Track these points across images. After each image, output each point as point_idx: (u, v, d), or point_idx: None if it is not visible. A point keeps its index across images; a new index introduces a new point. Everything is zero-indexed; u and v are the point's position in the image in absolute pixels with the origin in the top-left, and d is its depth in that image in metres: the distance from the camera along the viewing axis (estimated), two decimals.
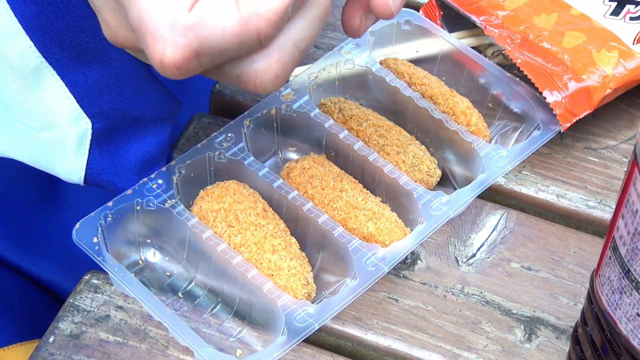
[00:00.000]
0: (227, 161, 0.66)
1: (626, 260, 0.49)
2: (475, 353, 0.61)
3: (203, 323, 0.62)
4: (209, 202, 0.63)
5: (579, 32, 0.73)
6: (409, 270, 0.65)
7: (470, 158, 0.68)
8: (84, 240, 0.60)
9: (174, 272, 0.64)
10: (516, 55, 0.71)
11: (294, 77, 0.71)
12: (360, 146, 0.67)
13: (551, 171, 0.71)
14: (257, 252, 0.61)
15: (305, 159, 0.67)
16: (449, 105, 0.70)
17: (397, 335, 0.62)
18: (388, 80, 0.70)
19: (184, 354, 0.60)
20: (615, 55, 0.72)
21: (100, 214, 0.61)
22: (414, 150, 0.67)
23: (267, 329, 0.61)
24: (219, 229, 0.62)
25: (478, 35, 0.77)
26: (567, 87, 0.70)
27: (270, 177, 0.65)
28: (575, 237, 0.68)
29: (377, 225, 0.63)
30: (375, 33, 0.73)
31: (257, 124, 0.68)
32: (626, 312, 0.50)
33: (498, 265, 0.66)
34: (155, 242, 0.64)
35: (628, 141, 0.73)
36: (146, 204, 0.63)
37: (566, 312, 0.64)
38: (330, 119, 0.68)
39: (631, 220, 0.48)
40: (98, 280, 0.64)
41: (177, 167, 0.65)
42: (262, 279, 0.60)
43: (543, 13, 0.75)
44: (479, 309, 0.64)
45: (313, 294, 0.61)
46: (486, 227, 0.68)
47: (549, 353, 0.62)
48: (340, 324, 0.62)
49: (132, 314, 0.62)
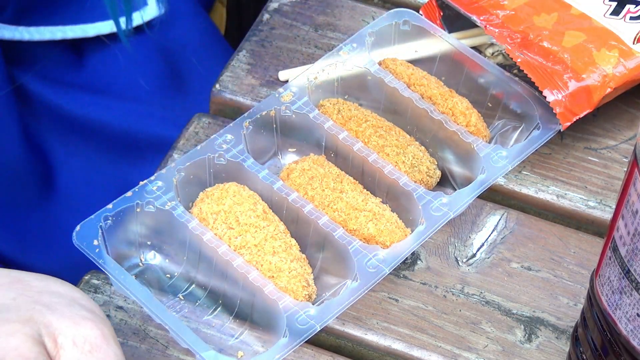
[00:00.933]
0: (227, 163, 0.66)
1: (626, 261, 0.49)
2: (475, 353, 0.62)
3: (204, 324, 0.62)
4: (209, 204, 0.63)
5: (579, 32, 0.73)
6: (409, 270, 0.65)
7: (470, 158, 0.68)
8: (84, 242, 0.60)
9: (175, 274, 0.64)
10: (516, 54, 0.71)
11: (293, 78, 0.71)
12: (359, 147, 0.67)
13: (551, 171, 0.71)
14: (258, 253, 0.61)
15: (305, 160, 0.67)
16: (448, 105, 0.70)
17: (397, 335, 0.62)
18: (387, 81, 0.70)
19: (184, 354, 0.61)
20: (616, 54, 0.72)
21: (100, 216, 0.61)
22: (413, 151, 0.67)
23: (268, 330, 0.61)
24: (219, 230, 0.62)
25: (478, 35, 0.77)
26: (568, 86, 0.70)
27: (270, 178, 0.65)
28: (575, 237, 0.68)
29: (377, 226, 0.63)
30: (374, 34, 0.73)
31: (257, 125, 0.68)
32: (626, 313, 0.50)
33: (498, 266, 0.66)
34: (156, 244, 0.64)
35: (628, 141, 0.73)
36: (146, 205, 0.63)
37: (566, 313, 0.64)
38: (330, 120, 0.68)
39: (631, 220, 0.48)
40: (98, 281, 0.64)
41: (177, 168, 0.65)
42: (263, 280, 0.60)
43: (543, 12, 0.75)
44: (479, 309, 0.64)
45: (314, 295, 0.61)
46: (486, 227, 0.68)
47: (549, 353, 0.62)
48: (340, 324, 0.62)
49: (132, 314, 0.62)
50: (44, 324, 0.50)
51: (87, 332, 0.50)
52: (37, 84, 0.82)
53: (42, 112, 0.83)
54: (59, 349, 0.49)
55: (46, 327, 0.50)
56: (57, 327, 0.50)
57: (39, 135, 0.83)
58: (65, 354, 0.49)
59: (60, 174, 0.83)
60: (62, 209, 0.83)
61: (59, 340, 0.50)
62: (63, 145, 0.84)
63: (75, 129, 0.83)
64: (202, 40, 0.91)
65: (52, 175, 0.83)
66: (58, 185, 0.83)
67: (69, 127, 0.83)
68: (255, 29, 0.80)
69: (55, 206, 0.83)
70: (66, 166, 0.83)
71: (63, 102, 0.83)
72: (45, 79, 0.83)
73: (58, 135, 0.83)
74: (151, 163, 0.79)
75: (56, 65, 0.84)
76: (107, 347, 0.50)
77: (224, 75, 0.76)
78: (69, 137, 0.83)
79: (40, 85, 0.82)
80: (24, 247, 0.83)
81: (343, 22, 0.81)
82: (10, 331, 0.49)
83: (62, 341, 0.50)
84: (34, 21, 0.81)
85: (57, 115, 0.82)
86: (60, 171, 0.83)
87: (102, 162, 0.84)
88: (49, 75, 0.83)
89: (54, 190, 0.83)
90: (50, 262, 0.82)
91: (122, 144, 0.84)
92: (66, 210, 0.83)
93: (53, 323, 0.50)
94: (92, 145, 0.84)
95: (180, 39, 0.89)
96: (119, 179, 0.83)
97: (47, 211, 0.83)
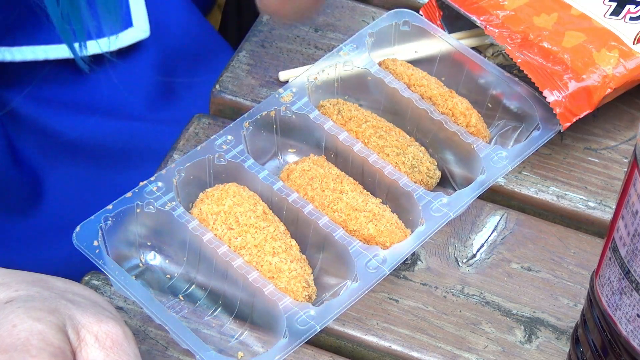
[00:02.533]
0: (227, 163, 0.66)
1: (626, 261, 0.49)
2: (475, 354, 0.62)
3: (204, 325, 0.62)
4: (209, 204, 0.63)
5: (579, 32, 0.73)
6: (409, 270, 0.65)
7: (470, 159, 0.68)
8: (84, 243, 0.60)
9: (175, 275, 0.64)
10: (516, 54, 0.71)
11: (293, 79, 0.71)
12: (360, 147, 0.67)
13: (551, 172, 0.71)
14: (258, 254, 0.61)
15: (305, 160, 0.67)
16: (448, 106, 0.70)
17: (397, 335, 0.62)
18: (387, 82, 0.70)
19: (184, 355, 0.61)
20: (616, 55, 0.72)
21: (100, 217, 0.61)
22: (413, 152, 0.67)
23: (269, 331, 0.61)
24: (219, 231, 0.62)
25: (478, 36, 0.77)
26: (567, 86, 0.70)
27: (270, 179, 0.65)
28: (575, 237, 0.68)
29: (377, 226, 0.63)
30: (374, 34, 0.73)
31: (257, 125, 0.68)
32: (626, 313, 0.50)
33: (498, 266, 0.66)
34: (156, 245, 0.64)
35: (628, 141, 0.73)
36: (146, 206, 0.63)
37: (566, 313, 0.64)
38: (330, 121, 0.68)
39: (631, 221, 0.48)
40: (98, 281, 0.64)
41: (177, 169, 0.65)
42: (263, 281, 0.60)
43: (543, 13, 0.75)
44: (479, 310, 0.64)
45: (314, 296, 0.61)
46: (486, 227, 0.68)
47: (549, 354, 0.62)
48: (340, 325, 0.62)
49: (132, 315, 0.62)
50: (68, 316, 0.51)
51: (109, 329, 0.51)
52: (25, 103, 0.82)
53: (29, 129, 0.83)
54: (81, 342, 0.50)
55: (70, 319, 0.51)
56: (81, 321, 0.51)
57: (25, 151, 0.83)
58: (87, 347, 0.50)
59: (48, 189, 0.83)
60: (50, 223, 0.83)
61: (82, 333, 0.50)
62: (49, 161, 0.83)
63: (65, 147, 0.82)
64: (198, 49, 0.90)
65: (40, 191, 0.83)
66: (46, 200, 0.83)
67: (57, 144, 0.82)
68: (255, 29, 0.80)
69: (42, 220, 0.83)
70: (53, 180, 0.83)
71: (52, 122, 0.82)
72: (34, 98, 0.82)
73: (45, 150, 0.83)
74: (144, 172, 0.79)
75: (45, 83, 0.83)
76: (127, 345, 0.51)
77: (224, 75, 0.76)
78: (56, 153, 0.83)
79: (29, 103, 0.82)
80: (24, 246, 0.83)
81: (343, 23, 0.81)
82: (36, 317, 0.49)
83: (84, 335, 0.50)
84: (16, 41, 0.80)
85: (44, 132, 0.82)
86: (48, 186, 0.83)
87: (91, 175, 0.84)
88: (36, 94, 0.83)
89: (42, 204, 0.83)
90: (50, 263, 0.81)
91: (112, 158, 0.84)
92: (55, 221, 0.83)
93: (77, 317, 0.51)
94: (81, 161, 0.84)
95: (174, 51, 0.88)
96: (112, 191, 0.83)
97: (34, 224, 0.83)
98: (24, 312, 0.49)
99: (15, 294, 0.51)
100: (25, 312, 0.49)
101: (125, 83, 0.84)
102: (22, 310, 0.50)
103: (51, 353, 0.48)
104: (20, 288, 0.52)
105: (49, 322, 0.49)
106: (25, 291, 0.52)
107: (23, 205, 0.83)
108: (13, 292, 0.52)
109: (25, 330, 0.48)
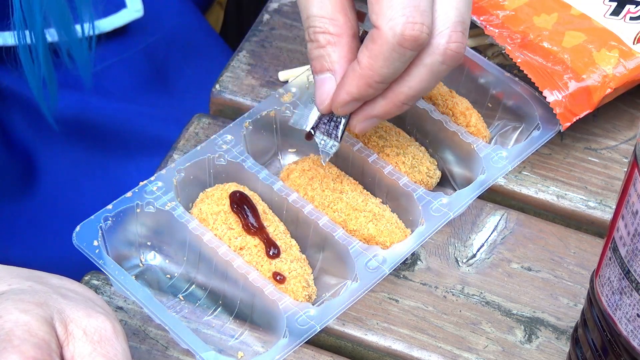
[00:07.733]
0: (227, 163, 0.66)
1: (626, 261, 0.49)
2: (475, 354, 0.62)
3: (204, 325, 0.62)
4: (209, 204, 0.63)
5: (579, 32, 0.73)
6: (409, 270, 0.65)
7: (470, 159, 0.68)
8: (84, 243, 0.60)
9: (175, 274, 0.64)
10: (516, 54, 0.71)
11: (293, 78, 0.71)
12: (359, 147, 0.67)
13: (551, 171, 0.71)
14: (258, 254, 0.61)
15: (305, 160, 0.67)
16: (448, 106, 0.70)
17: (397, 335, 0.62)
18: None
19: (184, 355, 0.61)
20: (616, 55, 0.72)
21: (100, 217, 0.62)
22: (413, 152, 0.67)
23: (269, 330, 0.61)
24: (219, 231, 0.62)
25: (478, 36, 0.77)
26: (568, 86, 0.70)
27: (270, 179, 0.65)
28: (575, 237, 0.68)
29: (377, 226, 0.63)
30: None
31: (257, 125, 0.68)
32: (626, 313, 0.50)
33: (498, 266, 0.66)
34: (156, 245, 0.64)
35: (628, 141, 0.73)
36: (146, 206, 0.63)
37: (566, 313, 0.64)
38: None
39: (631, 221, 0.48)
40: (98, 281, 0.64)
41: (177, 169, 0.65)
42: (263, 281, 0.60)
43: (543, 13, 0.75)
44: (479, 310, 0.64)
45: (314, 296, 0.61)
46: (486, 227, 0.68)
47: (549, 354, 0.62)
48: (340, 325, 0.62)
49: (132, 315, 0.62)
50: (57, 309, 0.51)
51: (98, 324, 0.51)
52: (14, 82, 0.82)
53: (19, 109, 0.83)
54: (69, 335, 0.50)
55: (59, 313, 0.51)
56: (70, 315, 0.51)
57: (16, 132, 0.83)
58: (74, 341, 0.50)
59: (42, 170, 0.83)
60: (46, 207, 0.83)
61: (70, 327, 0.51)
62: (42, 141, 0.84)
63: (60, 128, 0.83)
64: (191, 38, 0.91)
65: (34, 172, 0.83)
66: (40, 181, 0.83)
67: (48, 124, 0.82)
68: (255, 29, 0.80)
69: (38, 204, 0.83)
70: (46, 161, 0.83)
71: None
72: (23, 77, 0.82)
73: (36, 131, 0.83)
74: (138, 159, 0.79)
75: None
76: (115, 340, 0.51)
77: (224, 75, 0.76)
78: (48, 133, 0.83)
79: (18, 82, 0.82)
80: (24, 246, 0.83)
81: None
82: (23, 308, 0.50)
83: (72, 329, 0.50)
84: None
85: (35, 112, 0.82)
86: (41, 167, 0.83)
87: (84, 156, 0.84)
88: None
89: (37, 187, 0.83)
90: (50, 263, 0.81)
91: (104, 140, 0.84)
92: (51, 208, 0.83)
93: (66, 311, 0.51)
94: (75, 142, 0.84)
95: (166, 37, 0.88)
96: (106, 176, 0.83)
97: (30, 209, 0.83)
98: (12, 304, 0.50)
99: (8, 287, 0.52)
100: (13, 304, 0.50)
101: (116, 64, 0.85)
102: (10, 302, 0.50)
103: (35, 344, 0.48)
104: (14, 282, 0.52)
105: (36, 314, 0.50)
106: (18, 285, 0.52)
107: (17, 188, 0.83)
108: (6, 285, 0.52)
109: (11, 321, 0.49)
